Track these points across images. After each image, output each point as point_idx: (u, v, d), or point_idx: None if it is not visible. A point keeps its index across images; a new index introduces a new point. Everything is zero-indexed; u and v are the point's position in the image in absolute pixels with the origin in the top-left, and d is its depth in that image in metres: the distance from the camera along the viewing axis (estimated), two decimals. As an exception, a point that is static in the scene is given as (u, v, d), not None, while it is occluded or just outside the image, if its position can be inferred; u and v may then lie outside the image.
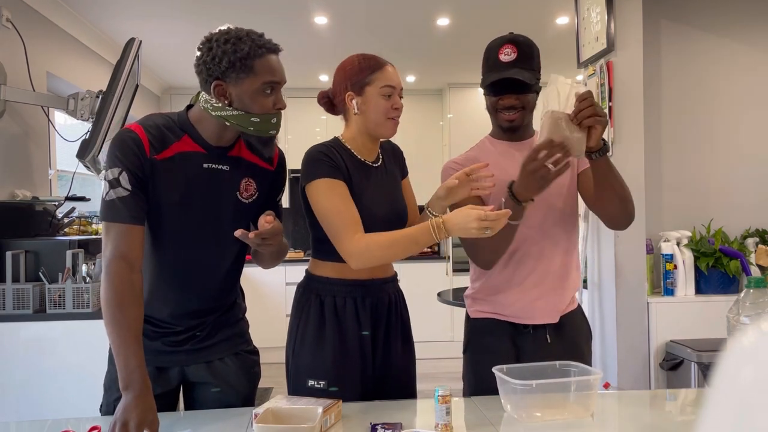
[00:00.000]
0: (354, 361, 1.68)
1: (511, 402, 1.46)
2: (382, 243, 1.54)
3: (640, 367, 3.02)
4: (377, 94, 1.65)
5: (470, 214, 1.44)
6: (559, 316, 1.78)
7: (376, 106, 1.65)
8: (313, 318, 1.68)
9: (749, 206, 3.29)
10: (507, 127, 1.75)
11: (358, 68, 1.67)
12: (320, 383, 1.64)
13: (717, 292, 3.06)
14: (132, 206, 1.42)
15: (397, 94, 1.67)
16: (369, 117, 1.66)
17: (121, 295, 1.38)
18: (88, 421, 1.46)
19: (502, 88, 1.70)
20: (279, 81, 1.46)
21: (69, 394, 2.59)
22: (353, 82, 1.67)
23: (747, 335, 0.42)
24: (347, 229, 1.56)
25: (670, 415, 1.61)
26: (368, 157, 1.73)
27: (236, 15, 3.97)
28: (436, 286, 5.03)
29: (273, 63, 1.45)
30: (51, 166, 3.65)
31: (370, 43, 4.58)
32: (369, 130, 1.69)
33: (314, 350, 1.66)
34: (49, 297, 2.67)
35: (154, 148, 1.44)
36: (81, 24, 3.94)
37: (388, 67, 1.68)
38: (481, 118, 6.42)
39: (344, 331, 1.68)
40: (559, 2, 3.87)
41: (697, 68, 3.30)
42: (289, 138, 6.12)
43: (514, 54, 1.68)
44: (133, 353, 1.36)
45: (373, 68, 1.66)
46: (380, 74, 1.66)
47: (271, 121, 1.48)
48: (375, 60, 1.69)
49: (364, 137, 1.71)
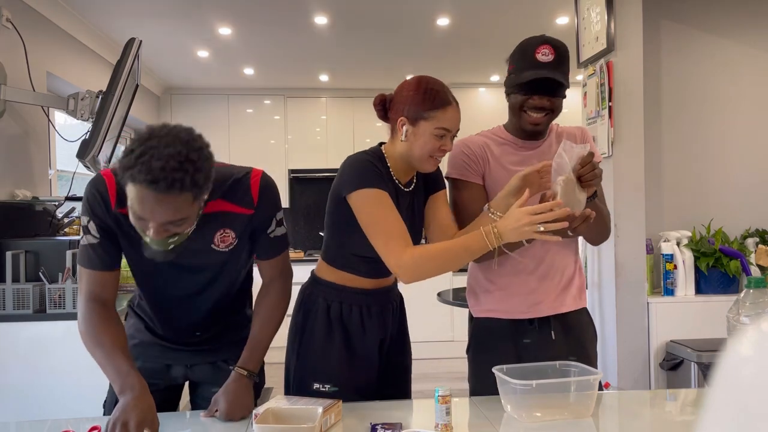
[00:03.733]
0: (359, 367, 1.68)
1: (511, 402, 1.46)
2: (433, 254, 1.50)
3: (640, 367, 3.02)
4: (430, 132, 1.57)
5: (521, 213, 1.42)
6: (564, 308, 1.77)
7: (425, 143, 1.57)
8: (320, 321, 1.67)
9: (749, 206, 3.29)
10: (531, 130, 1.71)
11: (420, 99, 1.58)
12: (325, 386, 1.64)
13: (717, 292, 3.06)
14: (102, 254, 1.44)
15: (450, 137, 1.59)
16: (414, 149, 1.60)
17: (97, 325, 1.42)
18: (88, 421, 1.46)
19: (536, 88, 1.65)
20: (151, 218, 1.26)
21: (69, 394, 2.59)
22: (411, 110, 1.58)
23: (747, 335, 0.42)
24: (397, 242, 1.51)
25: (670, 415, 1.61)
26: (402, 180, 1.69)
27: (236, 15, 3.97)
28: (437, 286, 5.03)
29: (147, 199, 1.24)
30: (51, 166, 3.65)
31: (371, 43, 4.58)
32: (410, 159, 1.63)
33: (321, 353, 1.66)
34: (49, 297, 2.67)
35: (120, 202, 1.39)
36: (81, 24, 3.94)
37: (450, 109, 1.58)
38: (480, 118, 6.39)
39: (350, 337, 1.68)
40: (559, 2, 3.87)
41: (697, 68, 3.30)
42: (289, 138, 6.12)
43: (552, 55, 1.63)
44: (122, 360, 1.38)
45: (436, 106, 1.57)
46: (441, 114, 1.56)
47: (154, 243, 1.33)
48: (441, 97, 1.58)
49: (404, 162, 1.65)
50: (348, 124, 6.14)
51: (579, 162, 1.54)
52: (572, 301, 1.80)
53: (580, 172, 1.54)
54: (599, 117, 3.09)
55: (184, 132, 1.26)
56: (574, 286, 1.81)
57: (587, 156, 1.53)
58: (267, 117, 6.10)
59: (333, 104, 6.16)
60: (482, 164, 1.75)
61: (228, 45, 4.59)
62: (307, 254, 6.01)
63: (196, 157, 1.23)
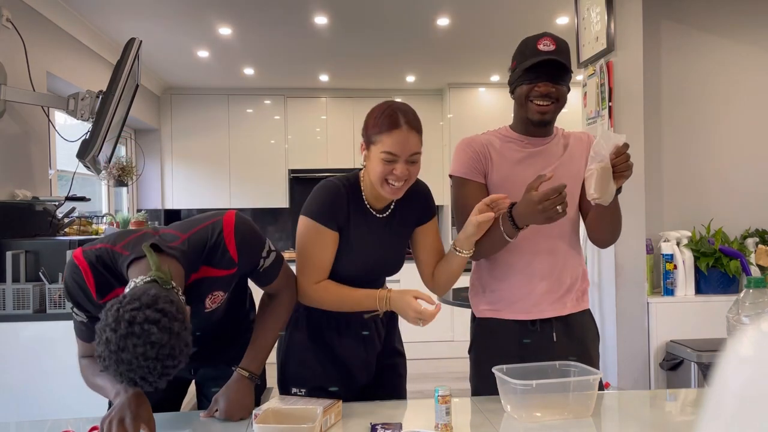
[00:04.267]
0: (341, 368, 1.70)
1: (511, 402, 1.46)
2: (332, 295, 1.64)
3: (640, 367, 3.02)
4: (378, 157, 1.57)
5: (410, 305, 1.56)
6: (566, 310, 1.77)
7: (374, 167, 1.59)
8: (302, 325, 1.71)
9: (749, 206, 3.29)
10: (538, 120, 1.70)
11: (373, 122, 1.59)
12: (302, 391, 1.67)
13: (717, 292, 3.06)
14: (89, 331, 1.43)
15: (402, 161, 1.56)
16: (369, 174, 1.63)
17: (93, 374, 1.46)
18: (88, 421, 1.47)
19: (540, 75, 1.68)
20: None
21: (69, 394, 2.59)
22: (366, 134, 1.62)
23: (747, 335, 0.42)
24: (312, 272, 1.64)
25: (670, 415, 1.61)
26: (376, 205, 1.70)
27: (236, 15, 3.97)
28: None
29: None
30: (51, 166, 3.65)
31: (370, 43, 4.58)
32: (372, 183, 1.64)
33: (300, 358, 1.69)
34: (49, 297, 2.67)
35: (100, 293, 1.38)
36: (81, 24, 3.94)
37: (397, 132, 1.55)
38: (481, 118, 6.35)
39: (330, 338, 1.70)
40: (559, 2, 3.87)
41: (697, 68, 3.30)
42: (289, 138, 6.12)
43: (553, 46, 1.68)
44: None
45: (381, 129, 1.56)
46: (386, 137, 1.55)
47: None
48: (391, 120, 1.56)
49: (373, 187, 1.65)
50: (348, 124, 6.14)
51: (614, 151, 1.56)
52: (575, 303, 1.80)
53: (614, 161, 1.57)
54: (599, 117, 3.09)
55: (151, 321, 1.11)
56: (577, 288, 1.80)
57: (623, 146, 1.56)
58: (267, 117, 6.10)
59: (333, 104, 6.16)
60: (484, 162, 1.75)
61: (228, 45, 4.59)
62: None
63: (168, 351, 1.12)
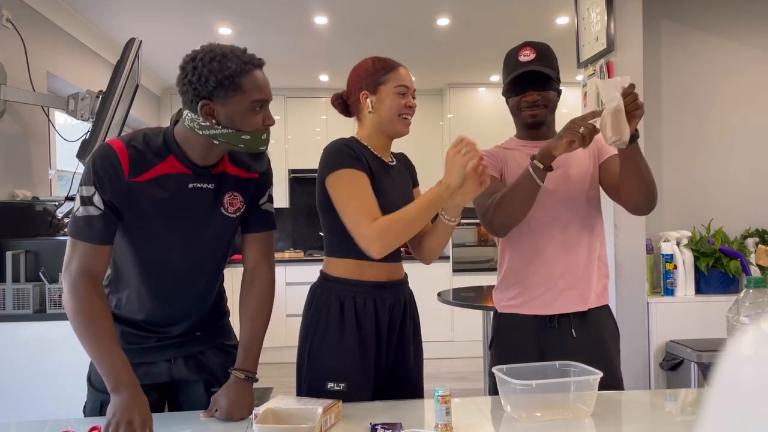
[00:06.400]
0: (371, 362, 1.69)
1: (511, 402, 1.46)
2: (395, 218, 1.55)
3: (640, 367, 3.02)
4: (391, 93, 1.71)
5: (451, 157, 1.51)
6: (586, 305, 1.79)
7: (390, 103, 1.70)
8: (333, 320, 1.67)
9: (749, 206, 3.29)
10: (531, 122, 1.82)
11: (372, 69, 1.74)
12: (340, 385, 1.64)
13: (717, 292, 3.07)
14: (102, 227, 1.40)
15: (410, 94, 1.74)
16: (383, 115, 1.71)
17: (91, 308, 1.38)
18: (88, 422, 1.46)
19: (524, 85, 1.79)
20: (267, 98, 1.46)
21: (69, 395, 2.59)
22: (368, 82, 1.73)
23: (747, 335, 0.42)
24: (366, 217, 1.56)
25: (670, 415, 1.61)
26: (385, 156, 1.77)
27: (236, 15, 3.97)
28: (438, 286, 5.03)
29: (260, 80, 1.44)
30: (51, 166, 3.65)
31: (370, 43, 4.58)
32: (383, 127, 1.73)
33: (335, 353, 1.66)
34: (49, 297, 2.67)
35: (134, 170, 1.40)
36: (81, 24, 3.94)
37: (401, 69, 1.75)
38: (481, 118, 6.34)
39: (364, 333, 1.68)
40: (559, 2, 3.87)
41: (697, 68, 3.30)
42: (289, 138, 6.12)
43: (533, 54, 1.79)
44: (117, 355, 1.37)
45: (387, 69, 1.73)
46: (394, 74, 1.73)
47: (261, 138, 1.47)
48: (389, 61, 1.76)
49: (379, 136, 1.75)
50: (348, 124, 6.08)
51: (621, 92, 1.57)
52: (594, 298, 1.83)
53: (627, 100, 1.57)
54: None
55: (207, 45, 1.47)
56: (597, 282, 1.83)
57: (629, 87, 1.56)
58: (267, 117, 6.09)
59: (333, 104, 6.16)
60: (501, 163, 1.87)
61: (228, 45, 4.59)
62: (307, 254, 5.97)
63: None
